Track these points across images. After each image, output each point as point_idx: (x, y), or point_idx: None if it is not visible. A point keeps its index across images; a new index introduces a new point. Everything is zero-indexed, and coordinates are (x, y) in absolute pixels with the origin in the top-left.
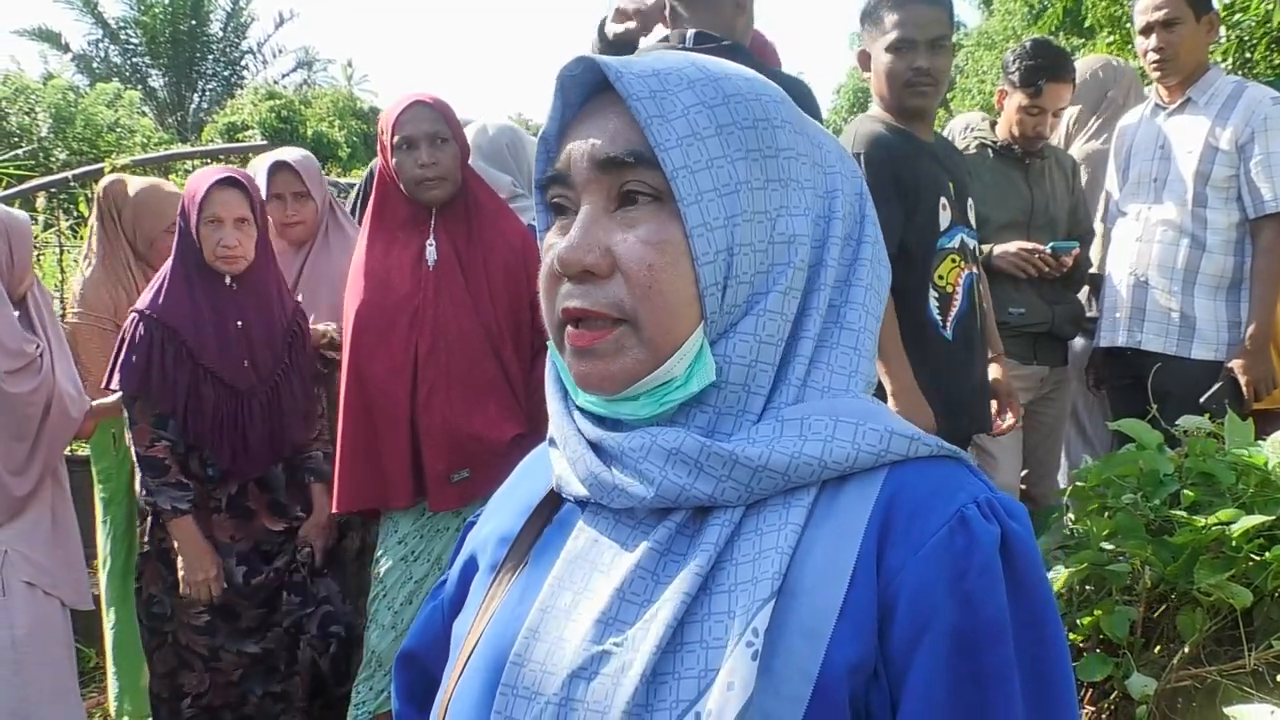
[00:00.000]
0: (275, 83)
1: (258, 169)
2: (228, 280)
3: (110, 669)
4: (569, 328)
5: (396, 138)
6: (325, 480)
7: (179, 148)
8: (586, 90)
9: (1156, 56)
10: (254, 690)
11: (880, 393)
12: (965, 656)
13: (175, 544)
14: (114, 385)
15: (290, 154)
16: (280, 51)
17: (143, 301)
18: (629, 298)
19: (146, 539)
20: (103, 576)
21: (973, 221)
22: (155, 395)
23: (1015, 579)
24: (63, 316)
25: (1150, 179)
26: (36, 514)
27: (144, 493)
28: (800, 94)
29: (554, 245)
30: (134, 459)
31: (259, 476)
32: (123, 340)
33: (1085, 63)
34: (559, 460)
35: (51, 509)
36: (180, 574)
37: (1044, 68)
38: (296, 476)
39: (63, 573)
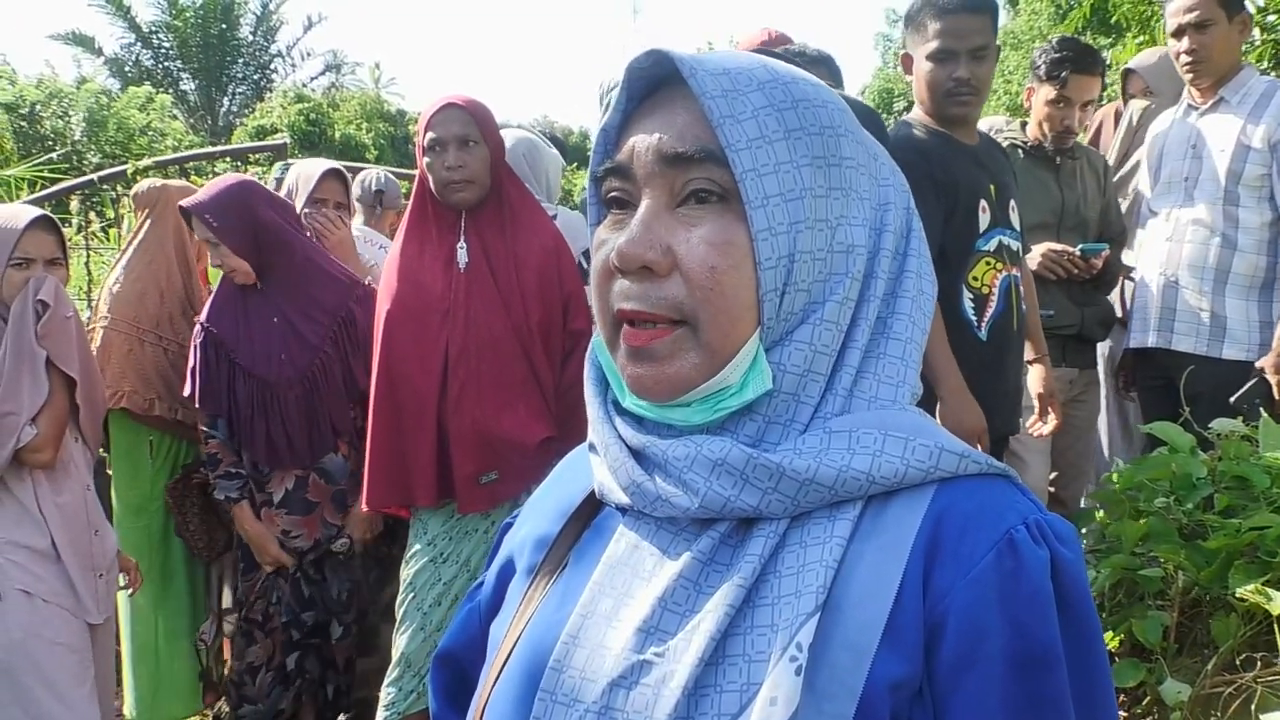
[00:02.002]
0: (304, 86)
1: (307, 172)
2: (258, 285)
3: (127, 675)
4: (625, 326)
5: (427, 139)
6: None
7: (205, 149)
8: (648, 84)
9: (1189, 59)
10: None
11: (928, 395)
12: (1019, 680)
13: (243, 532)
14: (185, 392)
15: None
16: (309, 55)
17: (203, 312)
18: (688, 299)
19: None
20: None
21: (1015, 224)
22: (202, 397)
23: (1065, 604)
24: (90, 319)
25: (1182, 179)
26: (30, 526)
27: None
28: (871, 120)
29: (608, 240)
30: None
31: (322, 467)
32: (191, 348)
33: (1161, 54)
34: (599, 467)
35: (44, 519)
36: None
37: (1069, 60)
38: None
39: (62, 583)
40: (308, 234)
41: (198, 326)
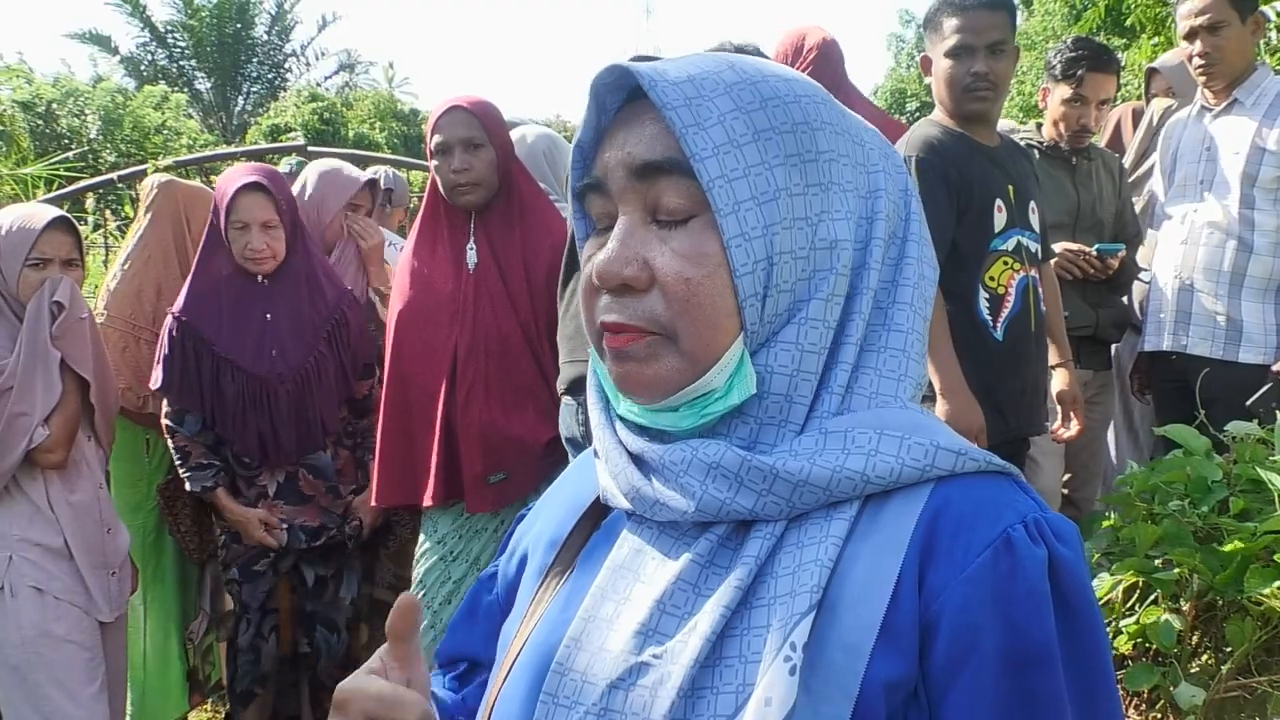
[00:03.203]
0: (318, 85)
1: (345, 178)
2: (259, 278)
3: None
4: (607, 334)
5: (434, 143)
6: None
7: (223, 149)
8: (621, 96)
9: (1202, 61)
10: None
11: (929, 392)
12: (1013, 680)
13: (227, 519)
14: (153, 384)
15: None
16: (323, 54)
17: (176, 304)
18: (666, 312)
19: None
20: None
21: (1034, 225)
22: (177, 391)
23: (1063, 604)
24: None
25: (1196, 181)
26: (42, 524)
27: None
28: None
29: (593, 257)
30: (168, 466)
31: (311, 464)
32: (161, 341)
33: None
34: (603, 473)
35: (57, 518)
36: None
37: (1084, 58)
38: (358, 455)
39: (74, 580)
40: (344, 238)
41: (170, 318)
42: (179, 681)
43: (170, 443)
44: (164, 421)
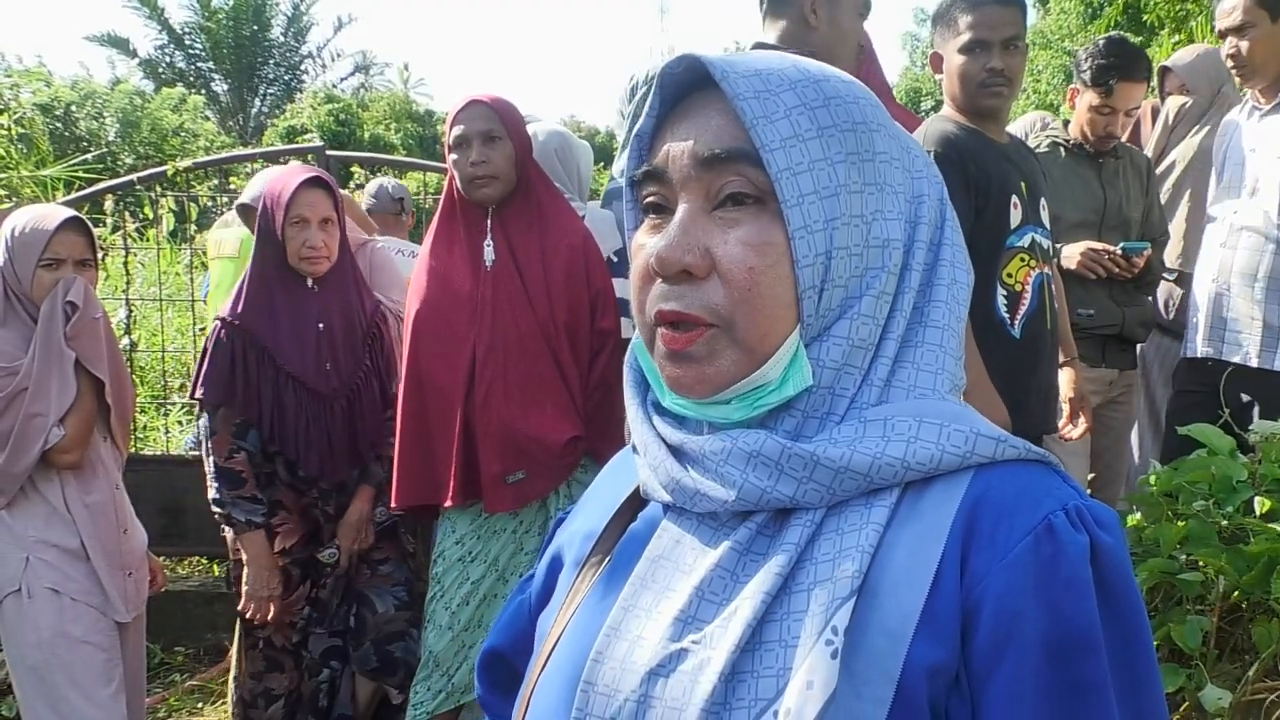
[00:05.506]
0: (334, 86)
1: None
2: (309, 282)
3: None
4: (661, 329)
5: (452, 136)
6: (373, 481)
7: (240, 151)
8: (681, 89)
9: (1233, 62)
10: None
11: None
12: (1055, 667)
13: (244, 556)
14: (198, 395)
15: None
16: (339, 55)
17: (225, 309)
18: (725, 301)
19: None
20: None
21: (1046, 222)
22: (239, 403)
23: (1105, 591)
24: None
25: (1240, 183)
26: (59, 525)
27: (216, 504)
28: None
29: (647, 245)
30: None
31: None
32: (206, 349)
33: (1198, 53)
34: (642, 467)
35: (73, 519)
36: (244, 588)
37: (1116, 67)
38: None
39: (90, 581)
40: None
41: (219, 322)
42: None
43: (220, 460)
44: (220, 435)
